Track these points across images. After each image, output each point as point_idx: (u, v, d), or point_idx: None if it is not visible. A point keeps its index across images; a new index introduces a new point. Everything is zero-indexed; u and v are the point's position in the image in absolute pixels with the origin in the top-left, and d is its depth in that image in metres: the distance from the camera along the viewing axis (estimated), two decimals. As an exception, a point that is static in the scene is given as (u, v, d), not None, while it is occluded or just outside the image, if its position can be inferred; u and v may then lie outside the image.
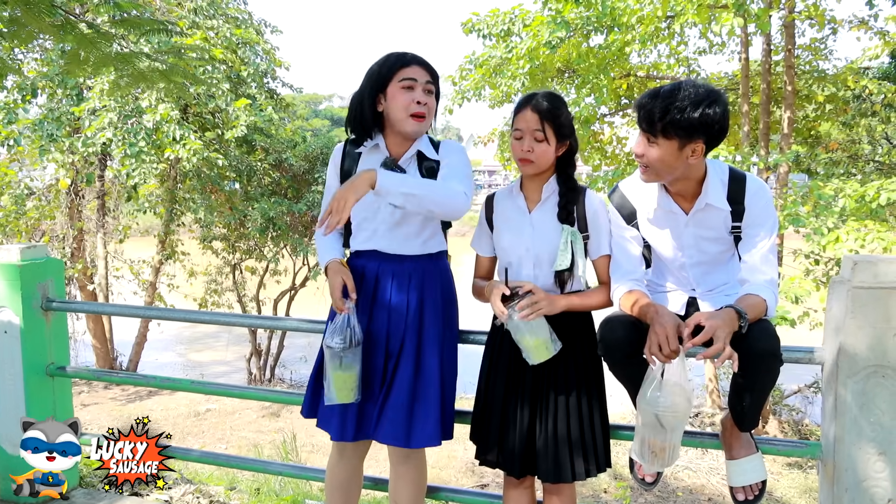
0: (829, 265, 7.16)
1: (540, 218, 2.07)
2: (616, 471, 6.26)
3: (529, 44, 8.10)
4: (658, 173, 1.95)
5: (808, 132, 9.72)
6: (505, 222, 2.13)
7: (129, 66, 2.67)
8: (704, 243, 2.06)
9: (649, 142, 1.90)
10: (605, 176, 7.86)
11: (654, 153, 1.90)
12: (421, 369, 2.10)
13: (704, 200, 2.00)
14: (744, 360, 1.85)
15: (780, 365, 1.87)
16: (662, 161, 1.90)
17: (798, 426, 8.59)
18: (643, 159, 1.93)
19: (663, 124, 1.83)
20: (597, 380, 2.10)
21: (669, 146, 1.86)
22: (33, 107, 8.69)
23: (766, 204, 2.00)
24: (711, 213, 2.01)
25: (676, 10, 6.83)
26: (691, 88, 1.83)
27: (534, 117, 1.99)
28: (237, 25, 9.15)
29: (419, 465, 2.22)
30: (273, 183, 9.31)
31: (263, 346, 10.77)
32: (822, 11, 7.77)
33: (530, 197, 2.11)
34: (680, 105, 1.81)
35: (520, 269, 2.07)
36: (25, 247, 2.87)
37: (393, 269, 2.14)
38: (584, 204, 2.07)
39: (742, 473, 2.08)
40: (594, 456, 2.04)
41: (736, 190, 1.99)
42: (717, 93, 1.86)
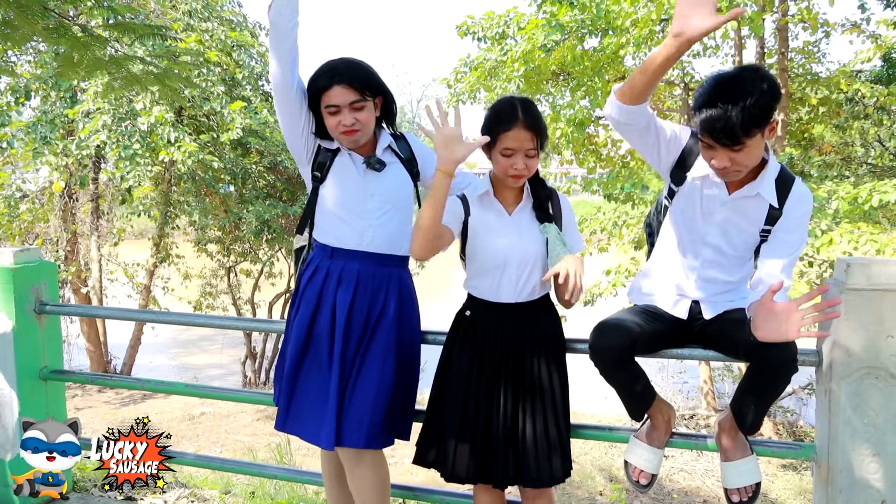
0: (822, 267, 7.19)
1: (521, 219, 2.08)
2: (611, 473, 6.27)
3: (524, 46, 8.13)
4: (749, 167, 1.87)
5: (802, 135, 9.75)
6: (486, 227, 2.08)
7: (122, 69, 2.66)
8: (732, 231, 2.02)
9: (734, 150, 1.80)
10: (599, 178, 7.89)
11: (742, 157, 1.82)
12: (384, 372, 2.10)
13: (757, 189, 1.94)
14: (760, 364, 1.85)
15: (796, 371, 1.86)
16: (754, 157, 1.84)
17: (793, 428, 8.61)
18: (730, 169, 1.84)
19: (745, 129, 1.75)
20: (564, 380, 2.11)
21: (756, 141, 1.80)
22: (27, 109, 8.67)
23: (805, 213, 1.97)
24: (754, 205, 1.97)
25: (671, 14, 6.86)
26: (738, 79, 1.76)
27: (527, 135, 1.94)
28: (232, 28, 9.14)
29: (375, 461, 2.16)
30: (268, 186, 9.29)
31: (258, 350, 10.74)
32: (815, 15, 7.82)
33: (507, 202, 2.09)
34: (752, 100, 1.72)
35: (505, 270, 2.06)
36: (19, 250, 2.85)
37: (359, 270, 2.13)
38: (558, 204, 2.11)
39: (737, 475, 2.08)
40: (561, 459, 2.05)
41: (781, 192, 1.95)
42: (758, 67, 1.82)
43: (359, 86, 2.04)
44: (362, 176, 2.14)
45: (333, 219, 2.16)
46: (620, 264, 8.00)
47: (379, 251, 2.15)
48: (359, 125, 2.06)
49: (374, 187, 2.15)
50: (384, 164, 2.16)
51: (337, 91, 2.03)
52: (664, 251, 2.19)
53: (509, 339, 2.06)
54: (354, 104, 2.04)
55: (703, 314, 2.10)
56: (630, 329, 1.95)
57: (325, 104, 2.05)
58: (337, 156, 2.16)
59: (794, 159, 8.08)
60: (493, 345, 2.07)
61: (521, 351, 2.05)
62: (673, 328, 2.11)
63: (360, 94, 2.04)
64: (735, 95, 1.73)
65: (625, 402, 2.12)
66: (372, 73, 2.10)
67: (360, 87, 2.04)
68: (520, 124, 1.93)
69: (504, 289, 2.06)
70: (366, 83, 2.06)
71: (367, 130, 2.10)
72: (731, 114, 1.73)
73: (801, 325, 1.73)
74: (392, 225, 2.16)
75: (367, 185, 2.14)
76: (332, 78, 2.03)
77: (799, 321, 1.73)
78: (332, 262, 2.15)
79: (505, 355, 2.06)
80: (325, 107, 2.06)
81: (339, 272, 2.14)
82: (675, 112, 10.15)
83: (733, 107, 1.73)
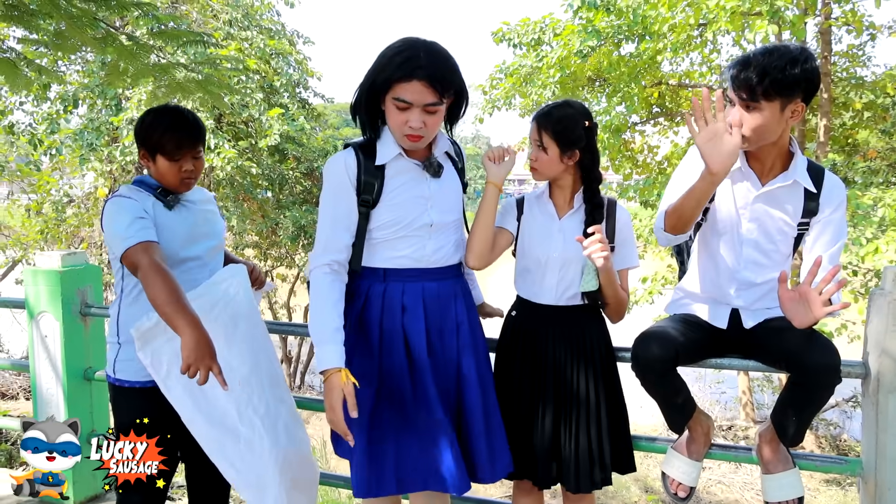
0: (867, 276, 6.99)
1: (570, 226, 2.06)
2: (647, 484, 6.17)
3: (560, 53, 8.09)
4: (756, 141, 1.87)
5: (846, 140, 9.51)
6: (534, 226, 2.11)
7: (167, 76, 2.73)
8: (769, 224, 1.98)
9: (749, 109, 1.81)
10: (636, 185, 7.81)
11: (754, 120, 1.81)
12: (487, 395, 1.97)
13: (793, 176, 1.92)
14: (801, 374, 1.81)
15: (839, 381, 1.82)
16: (765, 127, 1.83)
17: (836, 441, 8.38)
18: (740, 129, 1.82)
19: (764, 87, 1.75)
20: (615, 387, 2.09)
21: (772, 109, 1.79)
22: (74, 117, 8.93)
23: (842, 201, 1.95)
24: (789, 194, 1.95)
25: (709, 18, 6.76)
26: (783, 47, 1.78)
27: (533, 127, 2.02)
28: (271, 36, 9.30)
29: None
30: (304, 191, 9.40)
31: (294, 353, 10.86)
32: (861, 17, 7.62)
33: (559, 205, 2.09)
34: (779, 64, 1.74)
35: (545, 272, 2.07)
36: (66, 253, 2.94)
37: (438, 289, 1.95)
38: (614, 216, 2.07)
39: (779, 488, 2.04)
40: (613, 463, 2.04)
41: (814, 181, 1.93)
42: (808, 49, 1.80)
43: (440, 86, 1.72)
44: (419, 182, 1.91)
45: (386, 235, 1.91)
46: (657, 272, 7.91)
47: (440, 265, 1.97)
48: (424, 131, 1.78)
49: (432, 195, 1.92)
50: (443, 167, 1.94)
51: (415, 87, 1.71)
52: (701, 260, 2.15)
53: (550, 341, 2.06)
54: (429, 107, 1.74)
55: (744, 324, 2.06)
56: (673, 339, 1.92)
57: (396, 96, 1.73)
58: (386, 169, 1.88)
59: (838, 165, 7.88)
60: (535, 346, 2.07)
61: (562, 356, 2.05)
62: (712, 338, 2.08)
63: (438, 96, 1.73)
64: (770, 56, 1.76)
65: (665, 414, 2.09)
66: (456, 70, 1.79)
67: (440, 88, 1.73)
68: (534, 118, 2.01)
69: (545, 290, 2.08)
70: (449, 82, 1.75)
71: (431, 136, 1.84)
72: (755, 70, 1.75)
73: (821, 301, 1.73)
74: (449, 238, 1.98)
75: (425, 192, 1.91)
76: (414, 70, 1.69)
77: (817, 298, 1.74)
78: (388, 286, 1.92)
79: (546, 358, 2.06)
80: (394, 98, 1.74)
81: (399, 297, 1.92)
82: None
83: (763, 63, 1.75)
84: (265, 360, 2.12)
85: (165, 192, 2.09)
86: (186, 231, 2.10)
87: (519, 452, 2.03)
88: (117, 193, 2.04)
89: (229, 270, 2.13)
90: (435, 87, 1.71)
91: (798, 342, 1.84)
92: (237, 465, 1.99)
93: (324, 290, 1.86)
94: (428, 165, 1.90)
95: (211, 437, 1.98)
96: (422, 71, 1.69)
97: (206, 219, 2.20)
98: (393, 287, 1.91)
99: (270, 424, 2.02)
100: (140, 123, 2.07)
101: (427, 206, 1.90)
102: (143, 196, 2.05)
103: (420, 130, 1.76)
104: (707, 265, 2.12)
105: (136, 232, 1.92)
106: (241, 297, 2.11)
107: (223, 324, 2.01)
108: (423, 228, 1.90)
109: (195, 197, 2.19)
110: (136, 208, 1.98)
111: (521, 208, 2.14)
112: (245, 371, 2.02)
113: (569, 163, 2.00)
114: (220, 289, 2.06)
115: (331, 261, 1.88)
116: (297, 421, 2.18)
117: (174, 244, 2.06)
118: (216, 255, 2.24)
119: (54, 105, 8.40)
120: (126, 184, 2.15)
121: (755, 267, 2.03)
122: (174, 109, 2.10)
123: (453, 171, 2.01)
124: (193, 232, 2.12)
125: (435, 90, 1.72)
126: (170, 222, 2.06)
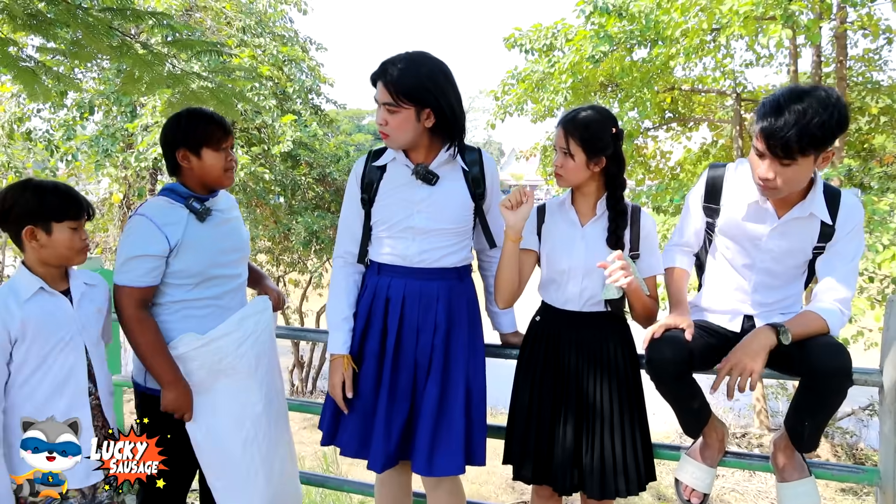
0: (884, 283, 6.91)
1: (592, 233, 2.05)
2: (659, 491, 6.12)
3: (572, 58, 8.09)
4: (789, 191, 1.85)
5: (861, 145, 9.43)
6: (556, 234, 2.10)
7: (181, 85, 2.76)
8: (784, 253, 1.98)
9: (782, 165, 1.78)
10: (648, 190, 7.78)
11: (789, 173, 1.78)
12: (446, 396, 2.05)
13: (809, 209, 1.90)
14: (811, 377, 1.80)
15: (851, 384, 1.81)
16: (798, 179, 1.81)
17: (852, 450, 8.27)
18: (772, 182, 1.81)
19: (802, 146, 1.72)
20: (637, 393, 2.08)
21: (807, 161, 1.76)
22: (90, 123, 9.03)
23: (858, 223, 1.93)
24: (806, 225, 1.93)
25: (722, 23, 6.73)
26: (814, 95, 1.72)
27: (559, 132, 1.99)
28: (283, 43, 9.37)
29: (453, 488, 2.16)
30: (317, 197, 9.44)
31: (306, 359, 10.89)
32: (877, 21, 7.57)
33: (581, 212, 2.08)
34: (818, 120, 1.69)
35: (568, 281, 2.06)
36: (81, 259, 2.96)
37: (420, 288, 2.07)
38: (638, 223, 2.05)
39: (794, 497, 2.01)
40: (637, 473, 2.01)
41: (831, 207, 1.91)
42: (835, 91, 1.77)
43: (394, 88, 1.91)
44: (410, 187, 2.04)
45: (379, 232, 2.10)
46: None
47: (425, 266, 2.07)
48: (388, 129, 1.97)
49: (423, 201, 2.04)
50: (434, 175, 2.02)
51: (380, 87, 1.95)
52: (714, 281, 2.16)
53: (572, 348, 2.05)
54: (387, 106, 1.94)
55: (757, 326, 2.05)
56: (686, 343, 1.91)
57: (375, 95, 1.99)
58: (385, 171, 2.09)
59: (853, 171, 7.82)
60: (557, 352, 2.07)
61: (583, 362, 2.04)
62: (727, 343, 2.06)
63: (393, 98, 1.92)
64: (802, 110, 1.70)
65: (680, 420, 2.08)
66: (421, 83, 1.92)
67: (394, 90, 1.91)
68: (560, 123, 2.00)
69: (569, 297, 2.08)
70: (406, 91, 1.91)
71: (396, 137, 1.97)
72: (792, 127, 1.70)
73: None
74: (440, 243, 2.07)
75: (413, 197, 2.04)
76: (381, 73, 1.95)
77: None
78: (380, 279, 2.10)
79: (568, 364, 2.05)
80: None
81: (385, 290, 2.09)
82: (727, 123, 9.94)
83: (797, 121, 1.69)
84: (276, 397, 2.21)
85: (196, 200, 2.07)
86: (217, 246, 2.10)
87: (539, 458, 2.03)
88: (145, 210, 2.02)
89: (259, 304, 2.19)
90: (389, 89, 1.92)
91: (808, 345, 1.83)
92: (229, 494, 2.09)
93: (337, 279, 2.17)
94: (416, 171, 2.02)
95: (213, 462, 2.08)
96: (385, 75, 1.93)
97: (233, 229, 2.19)
98: (383, 280, 2.10)
99: (268, 462, 2.12)
100: (175, 125, 2.05)
101: (413, 210, 2.04)
102: (174, 211, 2.03)
103: (384, 128, 1.97)
104: (720, 286, 2.14)
105: (135, 274, 1.97)
106: (266, 334, 2.17)
107: (247, 363, 2.09)
108: (406, 230, 2.05)
109: (222, 205, 2.18)
110: (152, 241, 1.97)
111: (543, 216, 2.13)
112: (259, 409, 2.11)
113: (594, 170, 1.99)
114: (250, 323, 2.11)
115: (343, 252, 2.17)
116: (291, 457, 2.29)
117: (204, 260, 2.05)
118: (242, 265, 2.25)
119: (71, 112, 8.50)
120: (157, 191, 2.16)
121: (767, 290, 2.05)
122: (201, 108, 2.15)
123: (458, 181, 2.06)
124: (223, 246, 2.12)
125: (389, 92, 1.92)
126: (201, 238, 2.05)
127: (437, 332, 2.07)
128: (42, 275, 1.90)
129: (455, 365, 2.07)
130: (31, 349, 1.86)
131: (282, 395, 2.26)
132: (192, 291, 2.05)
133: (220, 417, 2.05)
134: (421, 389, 2.06)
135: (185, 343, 2.02)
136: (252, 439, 2.08)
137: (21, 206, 1.86)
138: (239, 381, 2.07)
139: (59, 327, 1.90)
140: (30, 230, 1.85)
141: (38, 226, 1.86)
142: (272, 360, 2.21)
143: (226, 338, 2.04)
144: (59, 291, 1.94)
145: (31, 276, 1.89)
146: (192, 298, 2.05)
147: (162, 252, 1.98)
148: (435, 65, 1.96)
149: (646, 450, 2.06)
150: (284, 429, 2.25)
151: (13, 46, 2.56)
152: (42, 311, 1.88)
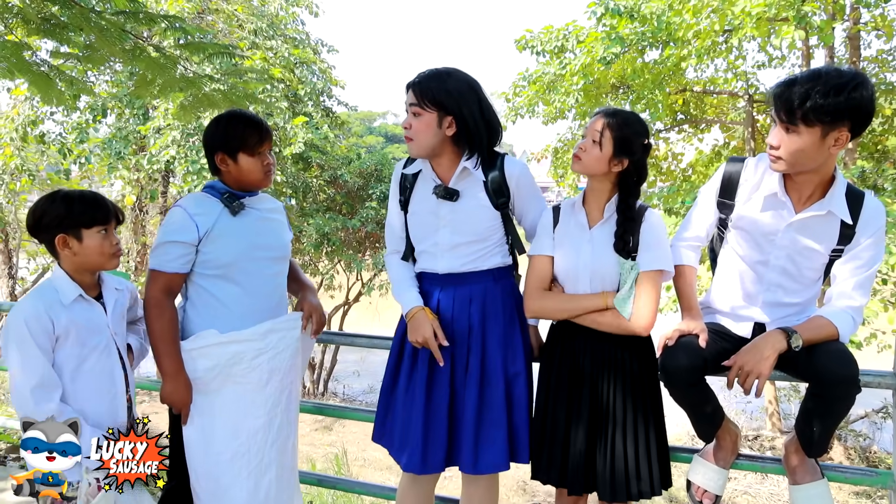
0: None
1: (599, 237, 2.04)
2: (671, 493, 6.09)
3: (583, 60, 8.08)
4: (793, 165, 1.80)
5: (875, 147, 9.35)
6: (565, 236, 2.09)
7: (194, 87, 2.77)
8: (800, 253, 1.94)
9: (788, 131, 1.74)
10: (660, 192, 7.75)
11: (792, 143, 1.75)
12: (485, 396, 2.07)
13: (828, 207, 1.85)
14: (818, 385, 1.79)
15: (858, 391, 1.79)
16: (802, 152, 1.76)
17: (865, 453, 8.20)
18: (777, 151, 1.78)
19: (804, 110, 1.68)
20: (654, 399, 2.06)
21: (811, 134, 1.72)
22: (103, 126, 9.11)
23: (880, 227, 1.88)
24: (824, 224, 1.89)
25: (734, 25, 6.70)
26: (833, 71, 1.70)
27: (600, 121, 1.97)
28: (295, 45, 9.42)
29: (490, 485, 2.19)
30: (328, 199, 9.48)
31: (317, 360, 10.93)
32: (890, 22, 7.51)
33: (591, 214, 2.06)
34: (823, 88, 1.66)
35: (576, 284, 2.05)
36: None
37: (454, 292, 2.12)
38: (641, 220, 2.01)
39: (807, 500, 2.00)
40: (650, 476, 2.00)
41: (853, 208, 1.86)
42: (862, 75, 1.72)
43: (419, 91, 2.01)
44: (434, 203, 2.11)
45: (412, 243, 2.20)
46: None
47: (455, 271, 2.13)
48: (410, 132, 2.04)
49: (446, 216, 2.10)
50: (455, 193, 2.07)
51: (409, 92, 2.05)
52: (726, 278, 2.14)
53: (586, 352, 2.05)
54: (413, 107, 2.03)
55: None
56: (700, 349, 1.90)
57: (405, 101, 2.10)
58: (417, 179, 2.16)
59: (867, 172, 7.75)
60: (573, 355, 2.06)
61: (596, 367, 2.03)
62: (741, 346, 2.05)
63: (418, 100, 2.02)
64: (816, 80, 1.69)
65: (694, 423, 2.07)
66: (445, 89, 2.01)
67: (419, 92, 2.01)
68: (601, 114, 2.01)
69: None
70: (430, 96, 2.00)
71: (419, 141, 2.04)
72: (799, 91, 1.69)
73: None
74: (467, 253, 2.11)
75: (439, 213, 2.10)
76: (412, 80, 2.06)
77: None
78: (422, 283, 2.19)
79: (583, 368, 2.04)
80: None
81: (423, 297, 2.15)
82: (739, 125, 9.89)
83: (806, 87, 1.68)
84: (282, 418, 2.16)
85: (232, 196, 2.10)
86: (249, 240, 2.10)
87: (553, 460, 2.04)
88: (182, 201, 2.08)
89: (289, 321, 2.18)
90: (415, 91, 2.03)
91: (816, 353, 1.81)
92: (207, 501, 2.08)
93: (393, 265, 2.27)
94: (435, 192, 2.09)
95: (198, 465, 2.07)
96: (416, 82, 2.04)
97: (269, 227, 2.19)
98: (422, 285, 2.19)
99: (254, 479, 2.08)
100: (215, 128, 2.09)
101: (439, 225, 2.11)
102: (208, 202, 2.07)
103: (408, 132, 2.06)
104: (732, 284, 2.11)
105: (164, 259, 2.01)
106: (287, 353, 2.15)
107: (258, 376, 2.08)
108: (434, 246, 2.13)
109: (262, 205, 2.19)
110: (183, 229, 2.01)
111: (557, 218, 2.12)
112: (257, 425, 2.08)
113: (615, 168, 1.97)
114: (274, 338, 2.11)
115: (392, 250, 2.29)
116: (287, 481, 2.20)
117: (234, 251, 2.06)
118: (278, 265, 2.21)
119: (84, 115, 8.58)
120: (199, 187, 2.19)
121: (780, 290, 2.01)
122: (241, 111, 2.17)
123: (478, 193, 2.09)
124: (256, 241, 2.12)
125: (415, 94, 2.03)
126: (233, 229, 2.07)
127: (472, 334, 2.10)
128: (78, 282, 1.96)
129: (493, 365, 2.09)
130: (71, 352, 1.92)
131: (291, 419, 2.22)
132: (221, 285, 2.06)
133: (217, 422, 2.05)
134: (461, 392, 2.09)
135: (204, 337, 2.02)
136: (243, 453, 2.06)
137: (51, 216, 1.91)
138: (246, 391, 2.06)
139: (93, 334, 1.96)
140: (62, 238, 1.91)
141: (69, 233, 1.91)
142: (286, 379, 2.17)
143: (246, 343, 2.04)
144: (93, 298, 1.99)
145: (71, 283, 1.95)
146: (223, 295, 2.06)
147: (191, 240, 2.01)
148: (462, 77, 2.06)
149: (661, 454, 2.04)
150: (284, 452, 2.18)
151: (28, 51, 2.59)
152: (82, 318, 1.94)
